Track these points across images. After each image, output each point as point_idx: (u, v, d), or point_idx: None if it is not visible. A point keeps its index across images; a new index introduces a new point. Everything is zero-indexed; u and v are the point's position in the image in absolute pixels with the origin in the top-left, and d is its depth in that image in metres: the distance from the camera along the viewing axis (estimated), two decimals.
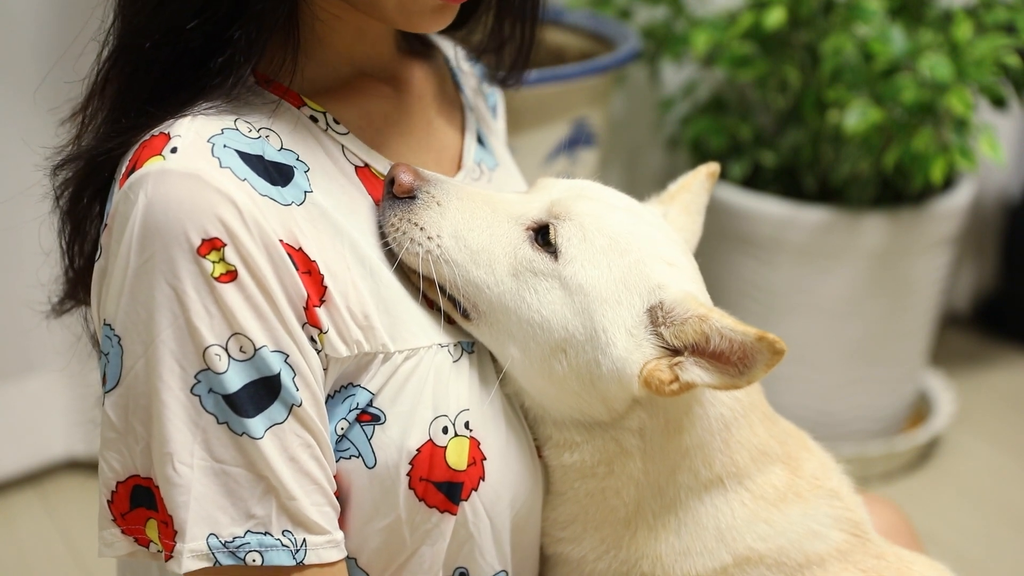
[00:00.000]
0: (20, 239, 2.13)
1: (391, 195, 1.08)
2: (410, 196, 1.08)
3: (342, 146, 1.10)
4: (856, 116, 2.28)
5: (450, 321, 1.10)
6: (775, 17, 2.37)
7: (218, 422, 0.97)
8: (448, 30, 1.16)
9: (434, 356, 1.06)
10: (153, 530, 1.01)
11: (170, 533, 0.98)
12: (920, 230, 2.48)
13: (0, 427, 2.35)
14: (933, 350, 2.79)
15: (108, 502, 1.02)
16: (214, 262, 0.96)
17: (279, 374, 0.98)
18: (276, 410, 0.98)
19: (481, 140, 1.29)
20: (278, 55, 1.06)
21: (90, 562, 2.21)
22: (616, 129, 2.81)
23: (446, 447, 1.04)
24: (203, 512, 0.97)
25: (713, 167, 1.27)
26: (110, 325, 1.00)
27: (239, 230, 0.96)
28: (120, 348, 0.99)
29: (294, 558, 0.99)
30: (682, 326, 1.04)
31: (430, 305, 1.09)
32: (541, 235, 1.08)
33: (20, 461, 2.39)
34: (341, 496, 1.04)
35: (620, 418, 1.09)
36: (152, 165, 0.98)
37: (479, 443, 1.06)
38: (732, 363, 1.02)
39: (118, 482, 1.01)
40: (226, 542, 0.98)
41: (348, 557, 1.06)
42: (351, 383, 1.04)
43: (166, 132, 1.00)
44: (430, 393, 1.05)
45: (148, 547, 1.02)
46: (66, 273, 1.18)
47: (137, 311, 0.97)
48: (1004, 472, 2.65)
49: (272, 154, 1.03)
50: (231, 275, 0.97)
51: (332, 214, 1.04)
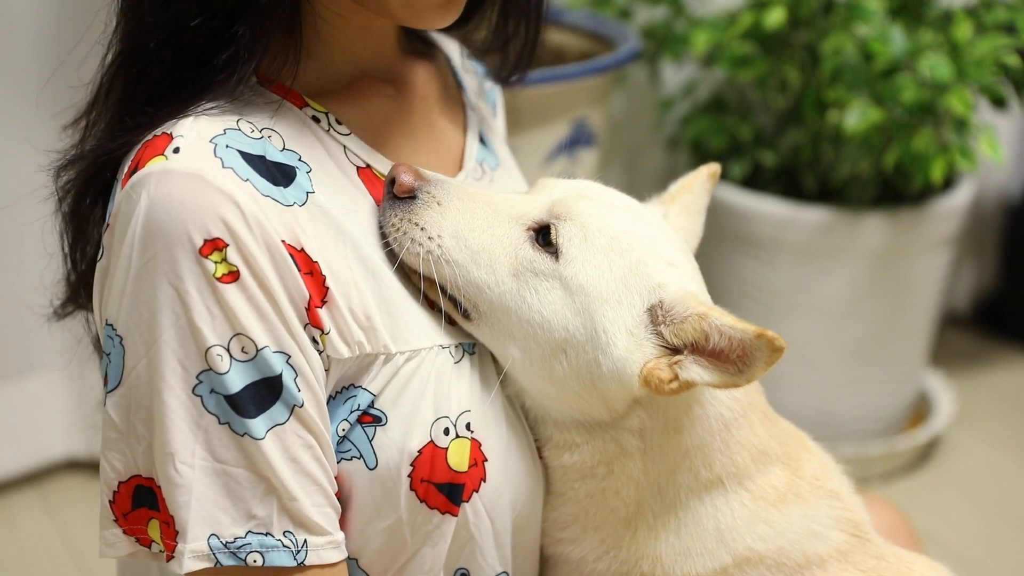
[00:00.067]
0: (21, 240, 2.14)
1: (392, 195, 1.08)
2: (411, 196, 1.08)
3: (344, 147, 1.10)
4: (856, 116, 2.28)
5: (451, 322, 1.10)
6: (775, 17, 2.37)
7: (220, 422, 0.98)
8: (451, 27, 1.16)
9: (435, 357, 1.06)
10: (155, 530, 1.00)
11: (171, 533, 0.98)
12: (920, 230, 2.48)
13: (0, 427, 2.35)
14: (933, 350, 2.79)
15: (110, 502, 1.02)
16: (216, 262, 0.96)
17: (281, 375, 0.98)
18: (278, 411, 0.98)
19: (483, 140, 1.29)
20: (281, 54, 1.06)
21: (90, 562, 2.21)
22: (616, 129, 2.81)
23: (447, 448, 1.04)
24: (204, 512, 0.97)
25: (714, 168, 1.27)
26: (112, 325, 1.00)
27: (241, 230, 0.96)
28: (122, 348, 0.99)
29: (295, 559, 0.99)
30: (681, 324, 1.04)
31: (431, 306, 1.09)
32: (542, 235, 1.08)
33: (20, 461, 2.39)
34: (342, 497, 1.04)
35: (620, 418, 1.09)
36: (154, 165, 0.98)
37: (480, 444, 1.06)
38: (731, 361, 1.02)
39: (120, 482, 1.01)
40: (227, 542, 0.98)
41: (349, 558, 1.06)
42: (352, 384, 1.04)
43: (168, 132, 1.00)
44: (431, 394, 1.05)
45: (150, 547, 1.02)
46: (67, 277, 1.18)
47: (139, 311, 0.97)
48: (1004, 472, 2.64)
49: (274, 154, 1.03)
50: (233, 275, 0.97)
51: (334, 215, 1.04)
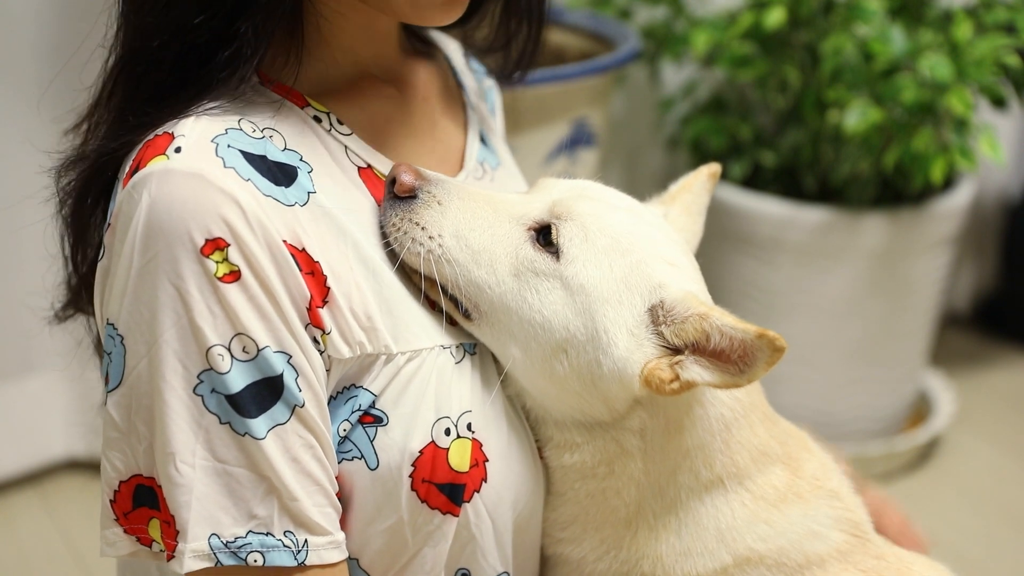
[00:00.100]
0: (21, 240, 2.14)
1: (392, 195, 1.08)
2: (411, 196, 1.08)
3: (345, 147, 1.10)
4: (856, 116, 2.28)
5: (452, 322, 1.09)
6: (775, 17, 2.37)
7: (220, 422, 0.97)
8: (453, 25, 1.16)
9: (436, 357, 1.06)
10: (156, 529, 1.00)
11: (172, 533, 0.98)
12: (920, 230, 2.48)
13: (0, 427, 2.35)
14: (933, 350, 2.79)
15: (110, 501, 1.02)
16: (217, 262, 0.96)
17: (282, 375, 0.98)
18: (279, 411, 0.98)
19: (483, 139, 1.29)
20: (282, 54, 1.06)
21: (90, 562, 2.21)
22: (616, 129, 2.81)
23: (448, 449, 1.04)
24: (205, 512, 0.97)
25: (714, 168, 1.27)
26: (113, 324, 1.00)
27: (243, 230, 0.96)
28: (123, 347, 0.99)
29: (295, 559, 0.99)
30: (682, 324, 1.04)
31: (432, 306, 1.09)
32: (543, 235, 1.08)
33: (20, 461, 2.39)
34: (343, 497, 1.04)
35: (621, 418, 1.09)
36: (156, 164, 0.97)
37: (481, 445, 1.06)
38: (732, 361, 1.02)
39: (121, 481, 1.01)
40: (228, 542, 0.98)
41: (350, 558, 1.06)
42: (353, 384, 1.04)
43: (170, 132, 1.00)
44: (432, 395, 1.05)
45: (150, 547, 1.02)
46: (68, 280, 1.18)
47: (140, 311, 0.97)
48: (1004, 472, 2.64)
49: (276, 154, 1.03)
50: (234, 275, 0.96)
51: (335, 215, 1.04)
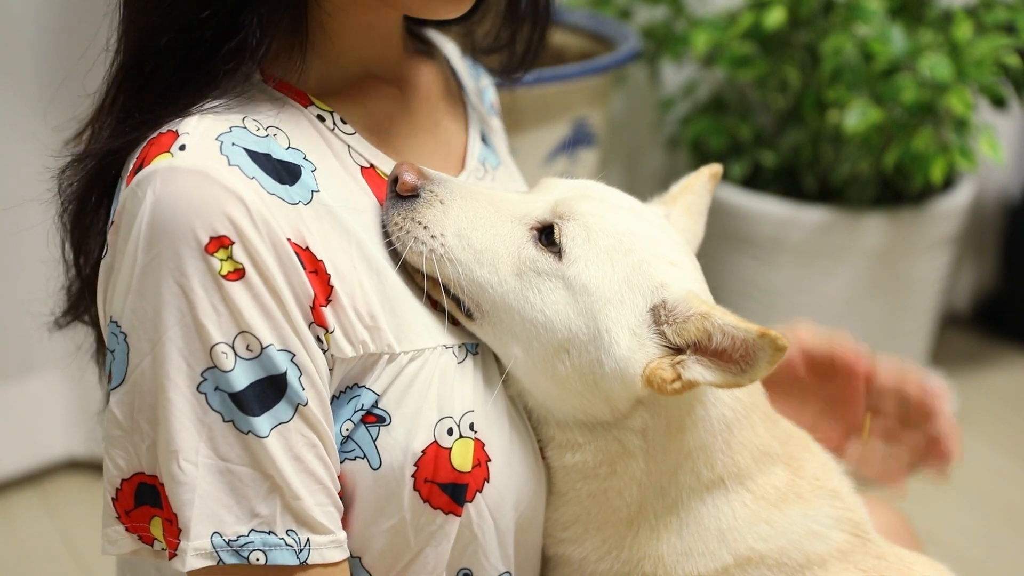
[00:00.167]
0: (22, 242, 2.13)
1: (395, 194, 1.08)
2: (414, 195, 1.08)
3: (348, 146, 1.10)
4: (856, 116, 2.28)
5: (454, 322, 1.09)
6: (775, 17, 2.38)
7: (224, 420, 0.97)
8: (456, 21, 1.16)
9: (439, 357, 1.06)
10: (158, 528, 1.00)
11: (175, 531, 0.98)
12: (920, 230, 2.48)
13: (0, 427, 2.35)
14: (933, 350, 2.79)
15: (112, 499, 1.02)
16: (222, 260, 0.96)
17: (285, 373, 0.98)
18: (282, 409, 0.98)
19: (484, 139, 1.29)
20: (286, 52, 1.06)
21: (90, 562, 2.21)
22: (616, 129, 2.81)
23: (451, 448, 1.04)
24: (208, 510, 0.97)
25: (715, 168, 1.27)
26: (116, 322, 0.99)
27: (247, 228, 0.96)
28: (126, 345, 0.99)
29: (297, 558, 0.99)
30: (684, 324, 1.04)
31: (434, 306, 1.09)
32: (545, 235, 1.08)
33: (20, 461, 2.39)
34: (345, 497, 1.04)
35: (623, 418, 1.08)
36: (160, 162, 0.97)
37: (484, 445, 1.06)
38: (734, 361, 1.02)
39: (123, 480, 1.01)
40: (230, 541, 0.98)
41: (352, 557, 1.05)
42: (356, 384, 1.04)
43: (174, 130, 1.00)
44: (435, 394, 1.05)
45: (152, 545, 1.01)
46: (68, 287, 1.18)
47: (144, 308, 0.97)
48: (1004, 472, 2.64)
49: (279, 153, 1.03)
50: (239, 273, 0.96)
51: (338, 213, 1.04)
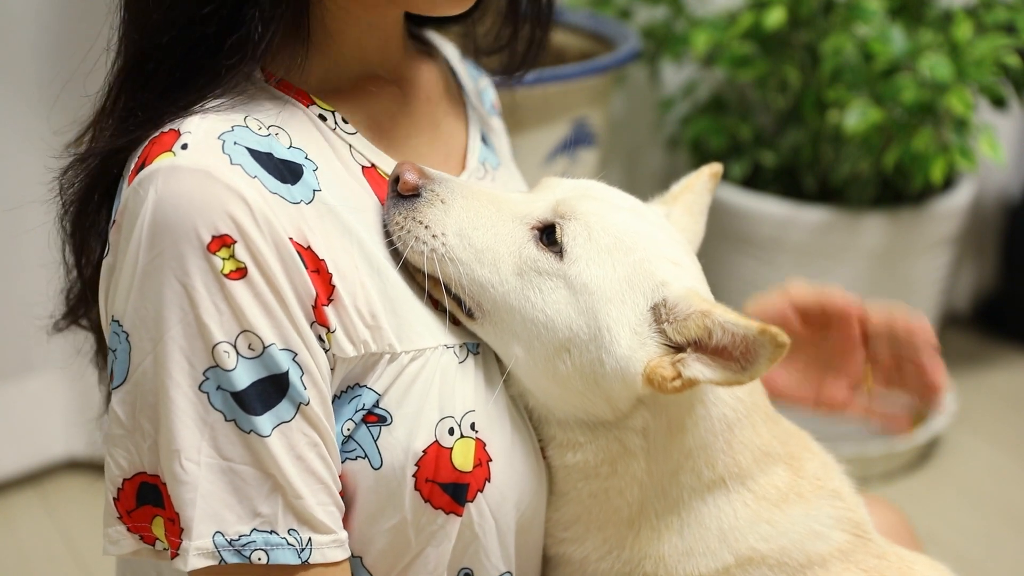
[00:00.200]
0: (22, 242, 2.13)
1: (396, 193, 1.08)
2: (415, 194, 1.08)
3: (349, 146, 1.10)
4: (856, 116, 2.28)
5: (456, 322, 1.09)
6: (775, 17, 2.38)
7: (226, 419, 0.97)
8: (457, 20, 1.16)
9: (440, 357, 1.06)
10: (160, 528, 1.00)
11: (176, 531, 0.98)
12: (920, 230, 2.48)
13: (0, 427, 2.35)
14: None
15: (114, 499, 1.02)
16: (224, 259, 0.96)
17: (287, 372, 0.98)
18: (284, 408, 0.98)
19: (484, 139, 1.29)
20: (288, 51, 1.06)
21: (90, 562, 2.20)
22: (616, 129, 2.81)
23: (452, 448, 1.04)
24: (210, 510, 0.97)
25: (716, 168, 1.27)
26: (118, 321, 0.99)
27: (249, 227, 0.96)
28: (128, 344, 0.99)
29: (299, 557, 0.99)
30: (685, 321, 1.04)
31: (435, 306, 1.09)
32: (546, 235, 1.08)
33: (20, 461, 2.39)
34: (347, 496, 1.04)
35: (624, 418, 1.08)
36: (162, 161, 0.97)
37: (485, 444, 1.06)
38: (735, 358, 1.02)
39: (124, 479, 1.01)
40: (232, 540, 0.98)
41: (353, 557, 1.05)
42: (357, 384, 1.04)
43: (176, 129, 1.00)
44: (436, 394, 1.05)
45: (153, 545, 1.01)
46: (67, 292, 1.18)
47: (146, 307, 0.97)
48: (1004, 472, 2.64)
49: (281, 152, 1.03)
50: (241, 272, 0.96)
51: (340, 213, 1.04)
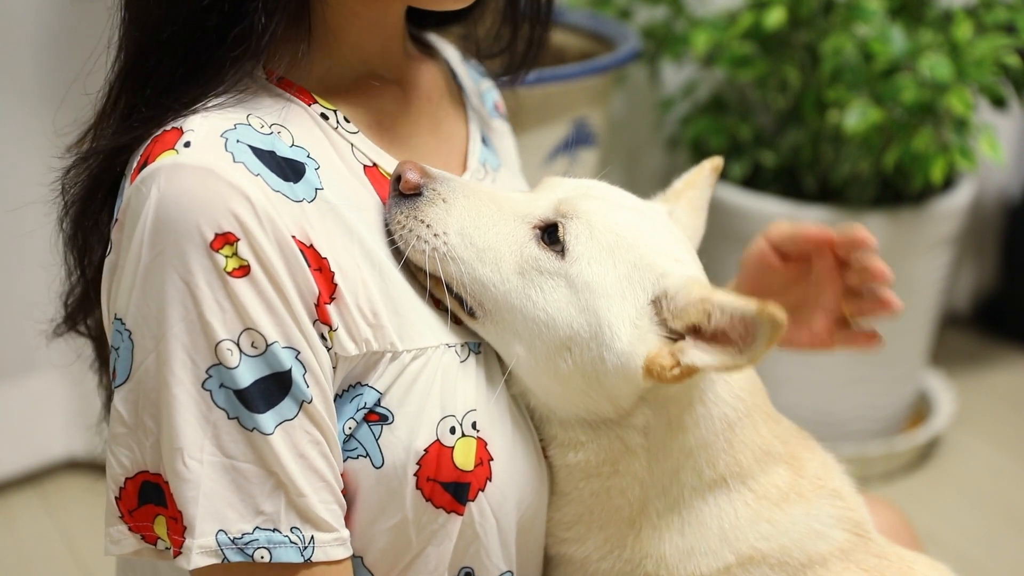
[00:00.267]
0: (23, 242, 2.13)
1: (398, 192, 1.08)
2: (416, 193, 1.08)
3: (351, 145, 1.10)
4: (856, 116, 2.28)
5: (457, 321, 1.09)
6: (775, 17, 2.38)
7: (228, 417, 0.97)
8: (458, 18, 1.16)
9: (442, 356, 1.06)
10: (161, 527, 1.00)
11: (179, 529, 0.98)
12: (920, 230, 2.48)
13: (0, 427, 2.35)
14: (933, 350, 2.78)
15: (116, 499, 1.02)
16: (227, 256, 0.96)
17: (290, 370, 0.98)
18: (286, 406, 0.98)
19: (484, 140, 1.29)
20: (290, 50, 1.06)
21: (90, 562, 2.20)
22: (616, 129, 2.81)
23: (453, 447, 1.04)
24: (212, 508, 0.97)
25: (717, 161, 1.27)
26: (121, 319, 1.00)
27: (252, 225, 0.96)
28: (131, 343, 0.99)
29: (302, 555, 0.99)
30: (685, 309, 1.04)
31: (437, 305, 1.09)
32: (548, 234, 1.08)
33: (20, 461, 2.39)
34: (348, 495, 1.04)
35: (626, 416, 1.09)
36: (165, 159, 0.97)
37: (486, 443, 1.06)
38: (733, 341, 1.02)
39: (127, 478, 1.01)
40: (235, 538, 0.98)
41: (354, 556, 1.05)
42: (359, 382, 1.04)
43: (178, 127, 1.00)
44: (438, 393, 1.05)
45: (155, 544, 1.01)
46: (66, 297, 1.18)
47: (148, 305, 0.97)
48: (1004, 472, 2.65)
49: (283, 150, 1.03)
50: (244, 270, 0.96)
51: (342, 212, 1.04)
